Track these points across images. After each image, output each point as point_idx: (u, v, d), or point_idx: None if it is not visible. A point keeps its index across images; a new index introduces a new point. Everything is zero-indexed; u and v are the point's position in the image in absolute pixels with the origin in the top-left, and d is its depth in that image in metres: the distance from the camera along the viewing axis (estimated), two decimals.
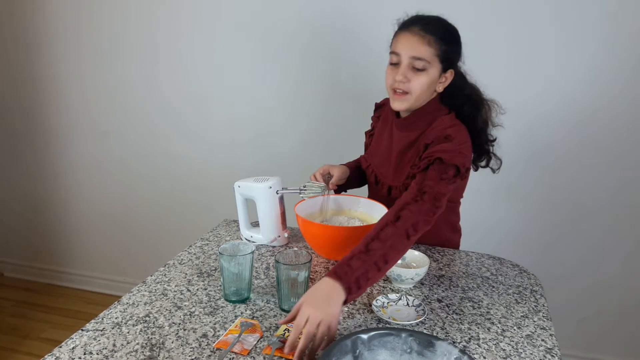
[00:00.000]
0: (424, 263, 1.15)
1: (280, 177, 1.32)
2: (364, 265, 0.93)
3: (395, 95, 1.22)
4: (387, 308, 1.03)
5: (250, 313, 1.01)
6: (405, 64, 1.17)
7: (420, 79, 1.17)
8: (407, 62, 1.17)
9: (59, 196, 2.60)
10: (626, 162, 1.83)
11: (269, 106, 2.17)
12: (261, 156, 2.24)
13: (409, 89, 1.18)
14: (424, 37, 1.15)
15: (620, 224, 1.89)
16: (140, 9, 2.19)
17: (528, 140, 1.90)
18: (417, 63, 1.16)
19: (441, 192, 1.10)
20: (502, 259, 1.30)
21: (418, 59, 1.16)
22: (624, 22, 1.70)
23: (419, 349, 0.81)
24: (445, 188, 1.11)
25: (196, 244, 1.34)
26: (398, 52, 1.18)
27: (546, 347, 0.92)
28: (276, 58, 2.10)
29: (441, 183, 1.11)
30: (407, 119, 1.27)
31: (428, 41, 1.15)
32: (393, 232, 1.00)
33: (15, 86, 2.50)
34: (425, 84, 1.18)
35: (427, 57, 1.16)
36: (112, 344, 0.89)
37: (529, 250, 1.99)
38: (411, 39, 1.16)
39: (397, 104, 1.23)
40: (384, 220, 1.03)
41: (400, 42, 1.18)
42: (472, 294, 1.11)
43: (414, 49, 1.16)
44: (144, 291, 1.09)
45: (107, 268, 2.68)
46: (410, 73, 1.17)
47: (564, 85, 1.82)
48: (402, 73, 1.17)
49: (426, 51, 1.15)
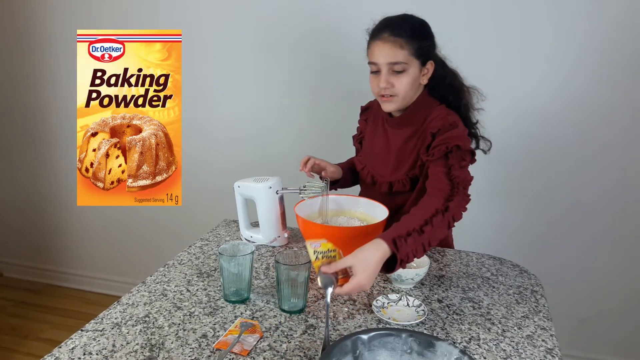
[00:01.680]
0: (424, 263, 1.15)
1: (280, 177, 1.32)
2: (415, 244, 1.00)
3: (383, 99, 1.27)
4: (387, 308, 1.03)
5: (250, 313, 1.01)
6: (385, 70, 1.22)
7: (403, 80, 1.22)
8: (385, 69, 1.22)
9: (59, 196, 2.60)
10: (626, 161, 1.83)
11: (269, 106, 2.17)
12: (261, 156, 2.24)
13: (394, 92, 1.24)
14: (396, 42, 1.19)
15: (620, 224, 1.89)
16: (140, 8, 2.19)
17: (528, 140, 1.90)
18: (395, 67, 1.21)
19: (467, 180, 1.15)
20: (502, 259, 1.30)
21: (395, 64, 1.21)
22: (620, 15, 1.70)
23: (419, 349, 0.81)
24: (469, 175, 1.17)
25: (196, 244, 1.34)
26: (375, 61, 1.23)
27: (546, 348, 0.92)
28: (277, 58, 2.10)
29: (464, 171, 1.16)
30: (402, 117, 1.31)
31: (400, 44, 1.19)
32: (441, 220, 1.05)
33: (16, 86, 2.50)
34: (409, 84, 1.23)
35: (403, 60, 1.20)
36: (112, 345, 0.89)
37: (529, 250, 1.99)
38: (383, 47, 1.20)
39: (387, 106, 1.28)
40: (434, 206, 1.07)
41: (375, 51, 1.23)
42: (472, 294, 1.11)
43: (389, 56, 1.20)
44: (144, 291, 1.08)
45: (107, 268, 2.68)
46: (392, 78, 1.22)
47: (563, 84, 1.81)
48: (385, 80, 1.22)
49: (401, 54, 1.20)
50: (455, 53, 1.33)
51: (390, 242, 0.97)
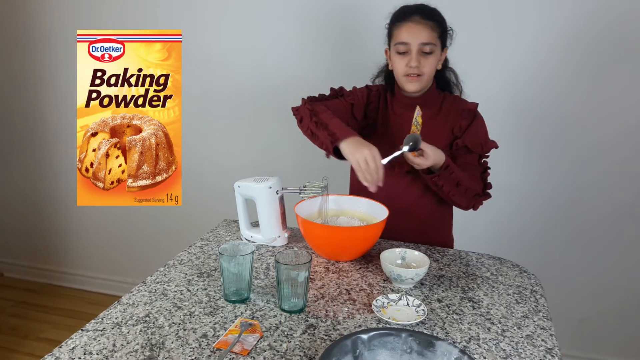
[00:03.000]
0: (424, 263, 1.15)
1: (280, 177, 1.32)
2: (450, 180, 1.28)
3: (409, 78, 1.33)
4: (387, 308, 1.03)
5: (250, 313, 1.01)
6: (415, 50, 1.29)
7: (430, 60, 1.31)
8: (416, 49, 1.29)
9: (59, 196, 2.61)
10: (627, 161, 1.83)
11: (269, 106, 2.17)
12: (261, 156, 2.24)
13: (421, 72, 1.31)
14: (427, 24, 1.28)
15: (620, 224, 1.89)
16: (140, 8, 2.19)
17: (528, 140, 1.90)
18: (425, 48, 1.29)
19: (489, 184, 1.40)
20: (502, 259, 1.30)
21: (427, 44, 1.29)
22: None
23: (419, 349, 0.81)
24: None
25: (196, 244, 1.34)
26: (406, 41, 1.29)
27: (546, 347, 0.92)
28: (276, 57, 2.10)
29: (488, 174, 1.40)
30: (421, 98, 1.39)
31: (431, 27, 1.29)
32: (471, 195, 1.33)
33: (15, 86, 2.50)
34: (434, 65, 1.33)
35: (433, 41, 1.29)
36: (112, 344, 0.89)
37: (529, 250, 1.99)
38: (416, 28, 1.28)
39: (412, 86, 1.34)
40: (474, 190, 1.33)
41: (406, 32, 1.30)
42: (472, 294, 1.11)
43: (421, 36, 1.28)
44: (144, 291, 1.08)
45: (107, 268, 2.68)
46: (421, 58, 1.30)
47: (564, 84, 1.82)
48: (415, 59, 1.29)
49: (431, 36, 1.29)
50: (454, 54, 1.33)
51: (445, 164, 1.24)
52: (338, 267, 1.22)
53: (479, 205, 1.37)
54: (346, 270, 1.21)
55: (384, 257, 1.16)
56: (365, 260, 1.26)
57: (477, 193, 1.34)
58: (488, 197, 1.38)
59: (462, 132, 1.35)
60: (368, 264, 1.24)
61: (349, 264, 1.24)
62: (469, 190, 1.32)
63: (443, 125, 1.38)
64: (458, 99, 1.41)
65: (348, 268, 1.22)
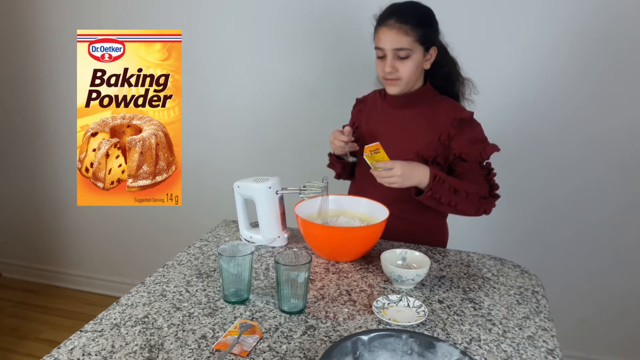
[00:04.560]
0: (425, 264, 1.14)
1: (280, 177, 1.31)
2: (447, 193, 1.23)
3: (388, 82, 1.33)
4: (388, 309, 1.02)
5: (249, 314, 1.00)
6: (390, 56, 1.28)
7: (407, 65, 1.29)
8: (391, 54, 1.28)
9: (59, 196, 2.60)
10: (627, 160, 1.82)
11: (269, 106, 2.17)
12: (261, 156, 2.23)
13: (398, 76, 1.30)
14: (401, 28, 1.25)
15: (620, 224, 1.89)
16: (140, 8, 2.19)
17: (528, 140, 1.90)
18: (400, 53, 1.27)
19: (497, 185, 1.34)
20: (503, 260, 1.30)
21: (400, 50, 1.27)
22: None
23: (420, 350, 0.81)
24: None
25: (195, 245, 1.34)
26: (381, 47, 1.29)
27: (547, 348, 0.92)
28: (277, 58, 2.10)
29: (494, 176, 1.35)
30: (408, 97, 1.36)
31: (405, 31, 1.25)
32: (475, 201, 1.27)
33: (15, 86, 2.49)
34: (412, 68, 1.30)
35: (408, 46, 1.26)
36: (111, 345, 0.89)
37: (530, 250, 1.98)
38: (389, 33, 1.26)
39: (391, 89, 1.35)
40: (477, 189, 1.28)
41: (381, 37, 1.29)
42: (473, 295, 1.11)
43: (394, 42, 1.26)
44: (143, 292, 1.08)
45: (106, 269, 2.68)
46: (396, 63, 1.29)
47: (564, 84, 1.81)
48: (390, 65, 1.28)
49: (406, 41, 1.26)
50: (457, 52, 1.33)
51: (432, 175, 1.20)
52: (338, 268, 1.22)
53: (491, 208, 1.31)
54: (346, 271, 1.20)
55: (385, 258, 1.16)
56: (366, 261, 1.26)
57: (482, 196, 1.29)
58: (496, 198, 1.32)
59: (450, 141, 1.32)
60: (368, 265, 1.24)
61: (349, 265, 1.23)
62: (471, 195, 1.26)
63: (430, 128, 1.34)
64: (454, 106, 1.35)
65: (348, 269, 1.21)
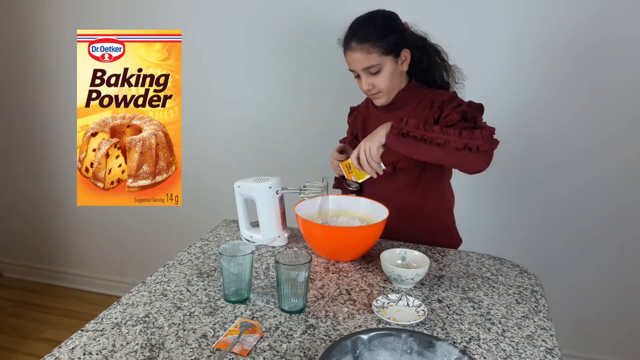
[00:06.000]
0: (424, 263, 1.15)
1: (280, 177, 1.32)
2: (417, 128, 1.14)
3: (371, 96, 1.36)
4: (387, 308, 1.03)
5: (250, 313, 1.01)
6: (363, 75, 1.31)
7: (382, 78, 1.30)
8: (363, 74, 1.30)
9: (59, 196, 2.61)
10: (627, 160, 1.83)
11: (269, 106, 2.17)
12: (261, 156, 2.24)
13: (378, 89, 1.32)
14: (363, 48, 1.26)
15: (620, 224, 1.89)
16: (140, 8, 2.19)
17: (528, 140, 1.90)
18: (371, 69, 1.29)
19: (492, 130, 1.18)
20: (502, 259, 1.30)
21: (369, 67, 1.29)
22: None
23: (419, 349, 0.81)
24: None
25: (196, 244, 1.34)
26: (352, 69, 1.33)
27: (547, 348, 0.92)
28: (277, 58, 2.10)
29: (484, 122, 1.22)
30: (395, 100, 1.37)
31: (367, 50, 1.26)
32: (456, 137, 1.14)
33: (15, 86, 2.50)
34: (388, 78, 1.31)
35: (375, 62, 1.28)
36: (112, 345, 0.89)
37: (529, 250, 1.99)
38: (354, 56, 1.28)
39: (377, 102, 1.38)
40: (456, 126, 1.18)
41: (349, 60, 1.32)
42: (472, 294, 1.11)
43: (361, 63, 1.28)
44: (144, 291, 1.08)
45: (107, 268, 2.68)
46: (371, 79, 1.31)
47: (564, 84, 1.82)
48: (365, 83, 1.31)
49: (372, 58, 1.27)
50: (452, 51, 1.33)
51: (397, 119, 1.16)
52: (338, 268, 1.22)
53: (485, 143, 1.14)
54: (346, 270, 1.21)
55: (384, 257, 1.16)
56: (365, 260, 1.26)
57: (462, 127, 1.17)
58: (485, 128, 1.17)
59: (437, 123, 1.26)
60: (368, 264, 1.24)
61: (349, 264, 1.24)
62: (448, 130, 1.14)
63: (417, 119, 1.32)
64: (438, 94, 1.32)
65: (348, 268, 1.22)
